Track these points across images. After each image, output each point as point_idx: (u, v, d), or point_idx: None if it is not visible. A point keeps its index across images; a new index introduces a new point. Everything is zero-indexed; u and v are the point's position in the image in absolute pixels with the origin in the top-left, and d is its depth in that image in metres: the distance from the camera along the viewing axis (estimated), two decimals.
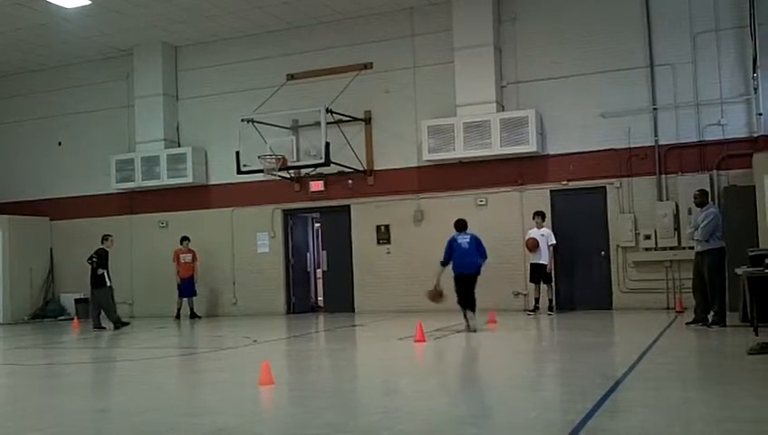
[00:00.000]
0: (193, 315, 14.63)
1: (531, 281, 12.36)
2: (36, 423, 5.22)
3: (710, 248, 9.35)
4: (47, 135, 16.79)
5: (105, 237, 13.14)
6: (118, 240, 15.95)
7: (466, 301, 10.07)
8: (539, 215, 12.38)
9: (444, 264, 10.17)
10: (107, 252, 12.86)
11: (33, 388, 7.09)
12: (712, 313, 9.34)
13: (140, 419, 5.25)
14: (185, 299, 14.64)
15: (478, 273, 10.17)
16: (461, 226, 10.39)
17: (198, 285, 14.75)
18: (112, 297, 12.81)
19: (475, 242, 10.24)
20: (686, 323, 9.67)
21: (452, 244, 10.19)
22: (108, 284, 12.62)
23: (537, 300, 12.24)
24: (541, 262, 12.14)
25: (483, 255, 10.25)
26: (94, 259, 12.67)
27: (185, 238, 14.74)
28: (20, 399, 6.42)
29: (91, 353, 10.14)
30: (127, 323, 12.95)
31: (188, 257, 14.69)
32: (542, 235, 12.20)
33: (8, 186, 16.99)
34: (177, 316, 14.62)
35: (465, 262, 10.07)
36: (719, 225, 9.36)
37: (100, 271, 12.59)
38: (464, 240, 10.22)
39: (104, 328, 12.59)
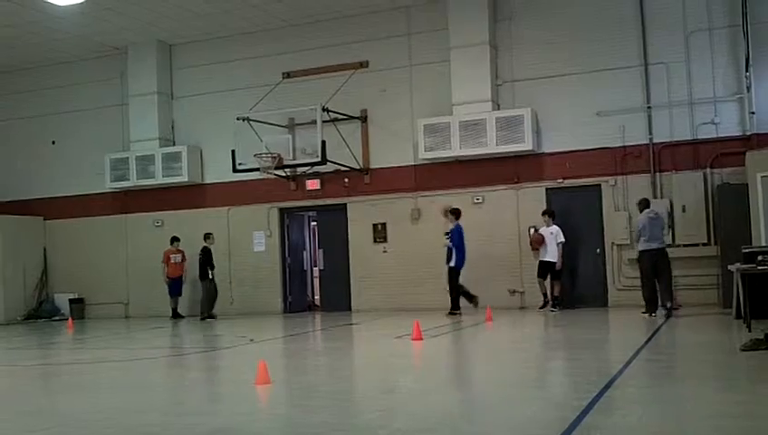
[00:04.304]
0: (176, 315, 14.64)
1: (538, 276, 12.38)
2: (33, 424, 5.21)
3: (638, 250, 10.78)
4: (41, 134, 16.71)
5: (207, 236, 14.10)
6: (112, 240, 16.01)
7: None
8: (547, 213, 12.41)
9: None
10: (209, 249, 13.95)
11: (29, 389, 7.08)
12: (668, 303, 10.49)
13: (137, 419, 5.25)
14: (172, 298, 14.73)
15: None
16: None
17: (185, 286, 14.86)
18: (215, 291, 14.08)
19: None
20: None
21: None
22: (210, 277, 13.91)
23: (545, 295, 12.29)
24: (548, 259, 12.17)
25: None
26: (201, 257, 13.90)
27: (175, 239, 14.78)
28: (16, 400, 6.41)
29: (86, 354, 10.12)
30: (214, 317, 13.83)
31: (178, 258, 14.78)
32: (552, 232, 12.24)
33: (1, 185, 16.91)
34: (173, 315, 14.63)
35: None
36: (643, 228, 10.54)
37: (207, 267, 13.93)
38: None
39: (214, 317, 13.85)
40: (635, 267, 12.43)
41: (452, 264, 11.97)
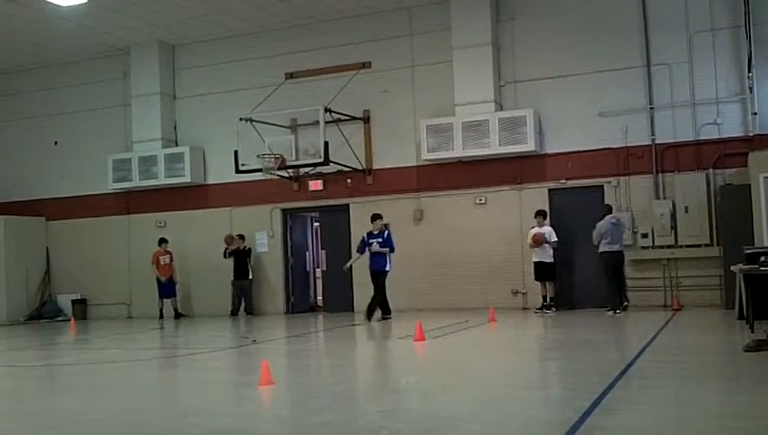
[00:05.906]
0: (177, 315, 14.71)
1: (535, 280, 12.38)
2: (35, 425, 5.22)
3: (599, 251, 11.48)
4: (43, 134, 16.74)
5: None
6: (115, 240, 16.04)
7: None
8: (540, 214, 12.41)
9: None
10: (228, 249, 14.39)
11: (31, 389, 7.10)
12: (625, 303, 11.53)
13: (139, 419, 5.25)
14: (166, 300, 14.81)
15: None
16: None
17: (179, 286, 15.02)
18: (233, 290, 14.50)
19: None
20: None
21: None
22: (232, 277, 14.48)
23: (544, 298, 12.28)
24: (542, 260, 12.17)
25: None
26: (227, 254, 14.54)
27: (163, 240, 14.88)
28: (18, 400, 6.42)
29: (88, 355, 10.13)
30: (244, 314, 14.38)
31: (167, 259, 14.84)
32: (544, 233, 12.23)
33: (4, 186, 16.94)
34: (161, 316, 14.68)
35: None
36: (602, 233, 11.42)
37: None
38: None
39: (246, 313, 14.34)
40: (636, 268, 12.49)
41: (387, 268, 11.91)
